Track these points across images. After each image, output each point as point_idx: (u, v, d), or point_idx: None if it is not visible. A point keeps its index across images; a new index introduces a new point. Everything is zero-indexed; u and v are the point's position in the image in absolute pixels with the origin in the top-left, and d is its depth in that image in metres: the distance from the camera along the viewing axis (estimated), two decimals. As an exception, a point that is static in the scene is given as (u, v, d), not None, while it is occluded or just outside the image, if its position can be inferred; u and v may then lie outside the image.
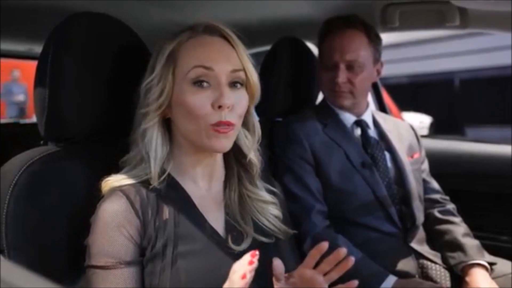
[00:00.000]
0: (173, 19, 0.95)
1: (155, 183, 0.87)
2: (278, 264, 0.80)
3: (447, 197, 1.57)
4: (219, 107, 0.85)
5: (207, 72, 0.86)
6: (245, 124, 0.96)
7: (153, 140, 0.88)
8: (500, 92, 9.51)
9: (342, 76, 1.39)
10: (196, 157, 0.92)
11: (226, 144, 0.88)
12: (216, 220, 0.92)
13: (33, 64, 1.01)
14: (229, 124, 0.86)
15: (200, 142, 0.88)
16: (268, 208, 0.98)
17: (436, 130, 7.69)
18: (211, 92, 0.86)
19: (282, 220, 1.00)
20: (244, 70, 0.89)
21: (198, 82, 0.86)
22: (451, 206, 1.54)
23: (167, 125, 0.92)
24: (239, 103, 0.88)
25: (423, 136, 1.70)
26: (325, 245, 0.82)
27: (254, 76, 0.91)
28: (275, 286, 0.84)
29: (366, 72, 1.42)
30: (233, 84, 0.88)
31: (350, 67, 1.40)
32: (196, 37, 0.90)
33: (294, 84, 1.55)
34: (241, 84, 0.90)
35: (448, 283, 1.36)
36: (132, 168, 0.89)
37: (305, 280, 0.82)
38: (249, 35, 0.93)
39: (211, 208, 0.93)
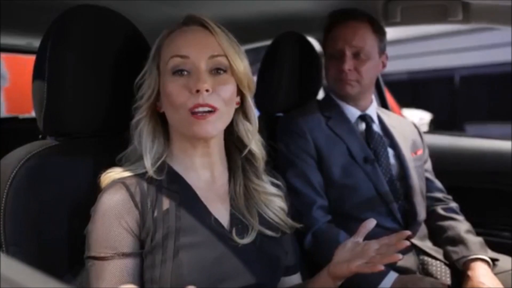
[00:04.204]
0: (174, 14, 0.95)
1: (150, 172, 0.87)
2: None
3: (450, 197, 1.57)
4: (197, 91, 0.84)
5: (184, 60, 0.87)
6: (245, 114, 0.96)
7: (143, 133, 0.89)
8: (501, 89, 9.51)
9: (349, 63, 1.39)
10: (189, 147, 0.91)
11: (208, 128, 0.86)
12: (221, 212, 0.92)
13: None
14: (209, 106, 0.85)
15: (184, 130, 0.88)
16: (274, 200, 0.98)
17: (436, 127, 7.69)
18: (189, 79, 0.86)
19: (287, 213, 1.00)
20: (225, 55, 0.88)
21: (177, 71, 0.87)
22: (454, 205, 1.54)
23: (162, 119, 0.92)
24: (221, 87, 0.87)
25: (423, 133, 1.69)
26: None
27: (237, 62, 0.89)
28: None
29: (372, 62, 1.42)
30: (215, 71, 0.88)
31: (356, 55, 1.40)
32: (176, 30, 0.91)
33: (296, 79, 1.54)
34: (224, 71, 0.89)
35: (449, 280, 1.36)
36: (131, 163, 0.90)
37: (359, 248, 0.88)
38: (250, 29, 0.93)
39: (215, 200, 0.93)
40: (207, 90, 0.85)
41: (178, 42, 0.89)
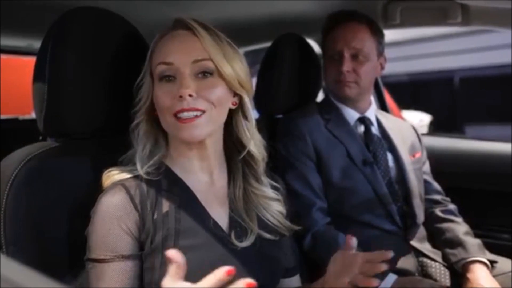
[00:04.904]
0: (174, 16, 0.95)
1: (140, 172, 0.87)
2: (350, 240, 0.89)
3: (448, 199, 1.58)
4: (180, 97, 0.85)
5: (169, 67, 0.87)
6: (244, 113, 0.95)
7: (140, 136, 0.90)
8: (500, 91, 9.51)
9: (347, 65, 1.39)
10: (185, 149, 0.92)
11: (194, 133, 0.86)
12: (220, 215, 0.92)
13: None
14: (194, 110, 0.85)
15: (173, 134, 0.89)
16: (273, 204, 0.98)
17: (436, 129, 7.69)
18: (174, 84, 0.87)
19: (286, 216, 1.00)
20: (211, 59, 0.88)
21: (164, 77, 0.88)
22: (452, 207, 1.54)
23: (158, 123, 0.92)
24: (208, 91, 0.87)
25: (422, 134, 1.69)
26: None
27: (223, 64, 0.88)
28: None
29: (371, 64, 1.43)
30: (202, 74, 0.88)
31: (355, 56, 1.40)
32: (166, 35, 0.91)
33: (295, 81, 1.54)
34: (210, 74, 0.88)
35: (448, 282, 1.37)
36: (132, 165, 0.90)
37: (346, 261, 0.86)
38: (250, 31, 0.93)
39: (214, 203, 0.93)
40: (190, 95, 0.85)
41: (164, 48, 0.89)
